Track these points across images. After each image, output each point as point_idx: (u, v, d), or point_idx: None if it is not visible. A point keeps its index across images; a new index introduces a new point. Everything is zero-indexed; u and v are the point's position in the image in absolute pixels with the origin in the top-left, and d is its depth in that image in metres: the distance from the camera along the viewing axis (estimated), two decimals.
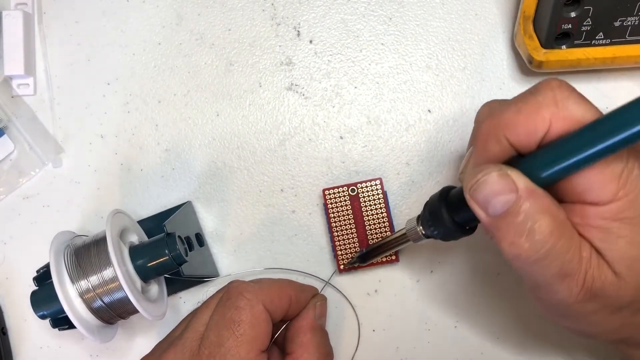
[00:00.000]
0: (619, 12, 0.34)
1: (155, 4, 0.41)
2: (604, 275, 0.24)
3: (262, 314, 0.31)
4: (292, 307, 0.33)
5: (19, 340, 0.40)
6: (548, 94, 0.24)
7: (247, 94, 0.40)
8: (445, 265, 0.39)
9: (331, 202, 0.38)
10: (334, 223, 0.38)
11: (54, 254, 0.32)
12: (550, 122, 0.24)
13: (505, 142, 0.25)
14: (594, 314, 0.25)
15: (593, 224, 0.24)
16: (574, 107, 0.24)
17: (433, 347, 0.39)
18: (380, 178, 0.38)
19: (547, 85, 0.24)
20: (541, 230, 0.23)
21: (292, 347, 0.32)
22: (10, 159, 0.41)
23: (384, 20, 0.40)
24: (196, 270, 0.36)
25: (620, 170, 0.23)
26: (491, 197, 0.24)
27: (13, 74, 0.40)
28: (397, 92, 0.40)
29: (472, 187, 0.25)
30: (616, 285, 0.24)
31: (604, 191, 0.23)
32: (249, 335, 0.30)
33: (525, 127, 0.24)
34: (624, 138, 0.22)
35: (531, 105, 0.24)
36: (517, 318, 0.38)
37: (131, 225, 0.36)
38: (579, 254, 0.24)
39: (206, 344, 0.30)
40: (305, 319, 0.33)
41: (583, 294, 0.24)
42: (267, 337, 0.31)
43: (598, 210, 0.24)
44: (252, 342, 0.30)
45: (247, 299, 0.30)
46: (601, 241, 0.24)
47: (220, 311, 0.31)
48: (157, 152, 0.40)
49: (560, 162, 0.24)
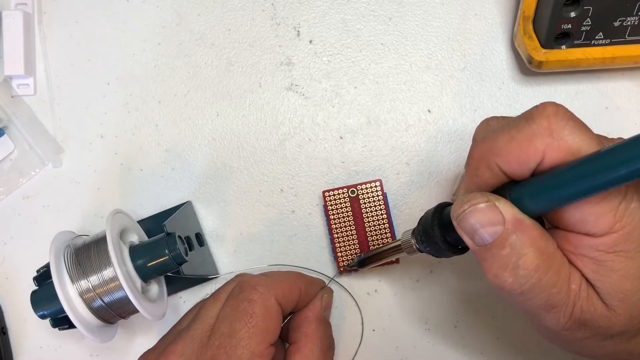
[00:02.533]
0: (618, 12, 0.34)
1: (155, 4, 0.41)
2: (593, 307, 0.24)
3: (274, 307, 0.30)
4: (301, 298, 0.33)
5: (19, 340, 0.40)
6: (543, 122, 0.23)
7: (247, 94, 0.40)
8: (445, 265, 0.39)
9: (331, 203, 0.38)
10: (334, 225, 0.38)
11: (54, 254, 0.32)
12: (544, 152, 0.23)
13: (496, 169, 0.24)
14: (585, 339, 0.25)
15: (586, 254, 0.23)
16: (569, 137, 0.23)
17: (433, 347, 0.39)
18: (380, 179, 0.38)
19: (542, 112, 0.23)
20: (526, 266, 0.23)
21: (297, 336, 0.32)
22: (11, 159, 0.41)
23: (384, 20, 0.40)
24: (196, 270, 0.36)
25: (617, 203, 0.22)
26: (477, 227, 0.23)
27: (13, 74, 0.40)
28: (397, 92, 0.40)
29: (459, 216, 0.24)
30: (607, 317, 0.24)
31: (600, 223, 0.22)
32: (260, 328, 0.29)
33: (517, 157, 0.23)
34: (621, 175, 0.20)
35: (524, 134, 0.23)
36: (516, 318, 0.38)
37: (131, 225, 0.36)
38: (568, 286, 0.23)
39: (217, 334, 0.29)
40: (312, 310, 0.34)
41: (571, 323, 0.24)
42: (277, 330, 0.31)
43: (592, 242, 0.23)
44: (263, 334, 0.30)
45: (259, 292, 0.30)
46: (593, 272, 0.23)
47: (232, 303, 0.31)
48: (157, 152, 0.40)
49: (552, 194, 0.23)
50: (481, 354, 0.39)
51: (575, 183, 0.22)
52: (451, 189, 0.39)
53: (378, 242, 0.37)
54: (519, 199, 0.24)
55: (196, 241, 0.38)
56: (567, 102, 0.39)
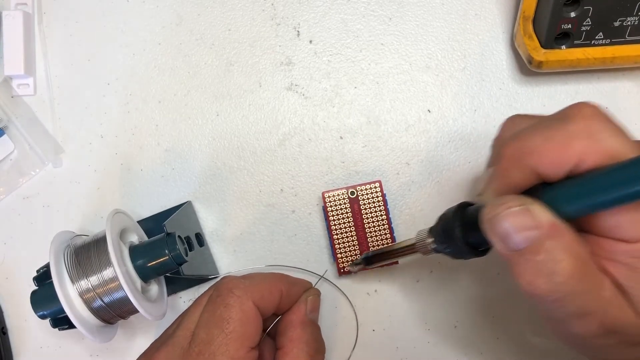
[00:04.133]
0: (618, 12, 0.34)
1: (155, 4, 0.41)
2: (624, 315, 0.23)
3: (251, 310, 0.30)
4: (283, 301, 0.33)
5: (19, 340, 0.40)
6: (580, 123, 0.22)
7: (247, 94, 0.40)
8: (445, 265, 0.39)
9: (331, 204, 0.37)
10: (333, 226, 0.37)
11: (54, 254, 0.32)
12: (582, 155, 0.22)
13: (529, 170, 0.23)
14: (612, 346, 0.24)
15: (619, 260, 0.23)
16: (609, 140, 0.22)
17: (433, 347, 0.39)
18: (380, 180, 0.38)
19: (579, 114, 0.23)
20: (562, 273, 0.22)
21: (282, 342, 0.32)
22: (11, 159, 0.41)
23: (384, 20, 0.40)
24: (196, 270, 0.36)
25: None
26: (511, 231, 0.23)
27: (13, 74, 0.40)
28: (397, 92, 0.40)
29: (492, 220, 0.23)
30: (637, 324, 0.23)
31: (635, 229, 0.22)
32: (238, 333, 0.29)
33: (553, 158, 0.23)
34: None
35: (562, 135, 0.23)
36: (516, 318, 0.38)
37: (131, 225, 0.36)
38: (600, 293, 0.23)
39: (196, 341, 0.30)
40: (295, 314, 0.33)
41: (601, 331, 0.23)
42: (257, 333, 0.31)
43: (626, 248, 0.22)
44: (241, 339, 0.29)
45: (236, 296, 0.30)
46: (626, 279, 0.23)
47: (210, 309, 0.31)
48: (157, 152, 0.40)
49: (589, 199, 0.22)
50: (481, 353, 0.39)
51: (616, 188, 0.21)
52: (452, 188, 0.39)
53: (378, 244, 0.37)
54: (553, 202, 0.23)
55: (196, 241, 0.38)
56: (567, 102, 0.39)
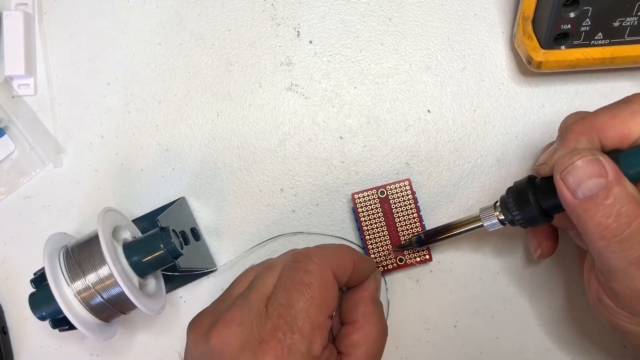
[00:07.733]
0: (618, 13, 0.34)
1: (156, 4, 0.41)
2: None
3: (330, 278, 0.30)
4: (354, 274, 0.33)
5: (20, 339, 0.40)
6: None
7: (247, 94, 0.40)
8: (445, 265, 0.39)
9: (361, 205, 0.38)
10: (365, 226, 0.38)
11: (47, 257, 0.32)
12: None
13: (597, 142, 0.27)
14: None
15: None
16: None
17: (433, 347, 0.39)
18: (409, 178, 0.38)
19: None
20: (628, 214, 0.25)
21: (355, 316, 0.32)
22: (11, 159, 0.41)
23: (384, 21, 0.40)
24: (193, 264, 0.36)
25: None
26: (584, 179, 0.26)
27: (13, 74, 0.40)
28: (397, 92, 0.40)
29: (566, 169, 0.26)
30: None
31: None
32: (319, 299, 0.29)
33: (620, 131, 0.27)
34: None
35: (627, 112, 0.27)
36: (516, 318, 0.38)
37: (124, 222, 0.36)
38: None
39: (274, 305, 0.29)
40: (367, 290, 0.33)
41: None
42: (334, 301, 0.30)
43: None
44: (321, 305, 0.29)
45: (316, 263, 0.30)
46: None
47: (289, 274, 0.30)
48: (157, 152, 0.40)
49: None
50: (481, 353, 0.39)
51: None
52: (451, 188, 0.39)
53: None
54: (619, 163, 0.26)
55: (191, 235, 0.37)
56: (567, 102, 0.39)
